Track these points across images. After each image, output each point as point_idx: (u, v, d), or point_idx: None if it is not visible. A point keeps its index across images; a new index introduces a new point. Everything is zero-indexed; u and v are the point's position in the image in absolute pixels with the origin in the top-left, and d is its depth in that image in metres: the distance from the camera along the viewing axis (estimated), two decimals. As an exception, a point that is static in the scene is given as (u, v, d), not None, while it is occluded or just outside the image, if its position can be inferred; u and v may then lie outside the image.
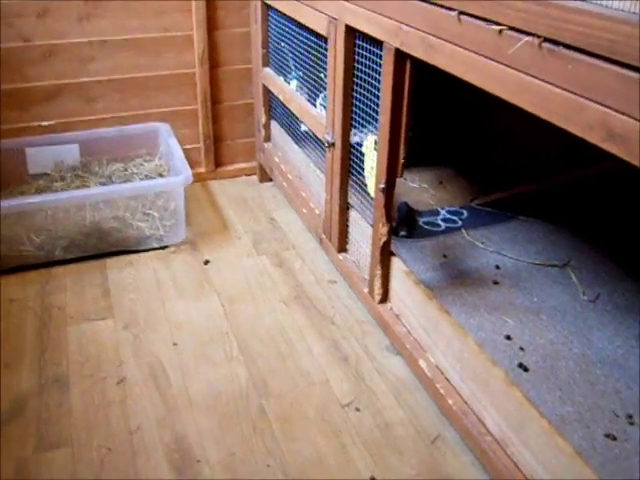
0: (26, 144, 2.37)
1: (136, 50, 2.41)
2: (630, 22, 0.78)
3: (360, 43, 1.55)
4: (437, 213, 2.10)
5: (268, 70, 2.29)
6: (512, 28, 0.97)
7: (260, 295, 1.95)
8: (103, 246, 2.12)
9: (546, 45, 0.90)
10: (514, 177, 2.28)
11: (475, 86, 1.10)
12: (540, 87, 0.92)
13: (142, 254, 2.15)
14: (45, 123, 2.41)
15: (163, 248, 2.17)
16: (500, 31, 0.99)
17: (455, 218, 2.08)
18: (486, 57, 1.03)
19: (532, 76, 0.93)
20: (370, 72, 1.52)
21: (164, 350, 1.73)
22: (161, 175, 2.42)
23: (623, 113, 0.79)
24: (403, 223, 1.95)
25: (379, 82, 1.47)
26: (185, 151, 2.37)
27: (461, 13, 1.09)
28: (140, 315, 1.87)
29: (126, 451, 1.44)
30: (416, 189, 2.28)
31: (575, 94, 0.86)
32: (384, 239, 1.54)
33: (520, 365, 1.47)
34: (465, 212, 2.12)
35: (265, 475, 1.38)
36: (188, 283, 2.01)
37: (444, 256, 1.88)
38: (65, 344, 1.76)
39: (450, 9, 1.11)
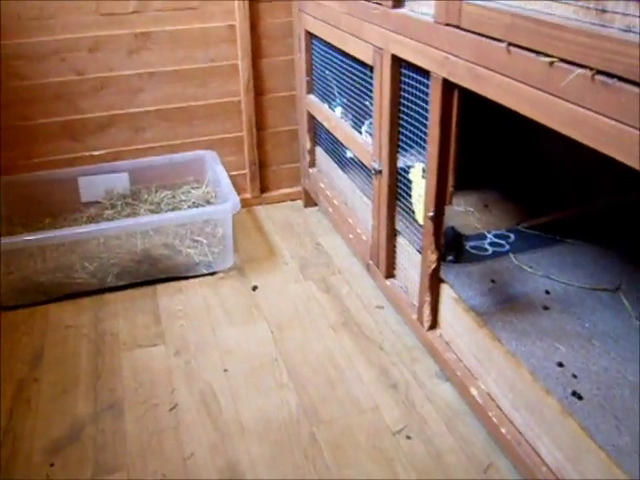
0: (79, 173, 2.44)
1: (183, 80, 2.47)
2: (685, 54, 0.78)
3: (406, 72, 1.56)
4: (484, 237, 2.10)
5: (312, 97, 2.32)
6: (563, 60, 0.97)
7: (308, 321, 1.96)
8: (153, 272, 2.17)
9: (599, 77, 0.90)
10: (560, 200, 2.26)
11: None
12: (593, 119, 0.92)
13: (191, 280, 2.19)
14: (96, 153, 2.48)
15: (212, 274, 2.21)
16: (551, 63, 0.99)
17: (502, 242, 2.07)
18: (536, 88, 1.04)
19: (585, 108, 0.93)
20: (416, 100, 1.54)
21: (215, 376, 1.76)
22: (208, 202, 2.47)
23: (681, 146, 0.79)
24: (450, 248, 1.95)
25: (425, 110, 1.48)
26: (231, 177, 2.41)
27: (510, 44, 1.10)
28: (190, 341, 1.90)
29: (180, 477, 1.46)
30: (461, 213, 2.27)
31: (629, 126, 0.86)
32: (433, 266, 1.55)
33: (574, 393, 1.45)
34: (512, 236, 2.10)
35: (318, 503, 1.39)
36: (237, 309, 2.03)
37: (492, 281, 1.87)
38: (119, 370, 1.79)
39: (499, 40, 1.12)
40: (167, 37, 2.39)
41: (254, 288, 2.13)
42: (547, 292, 1.82)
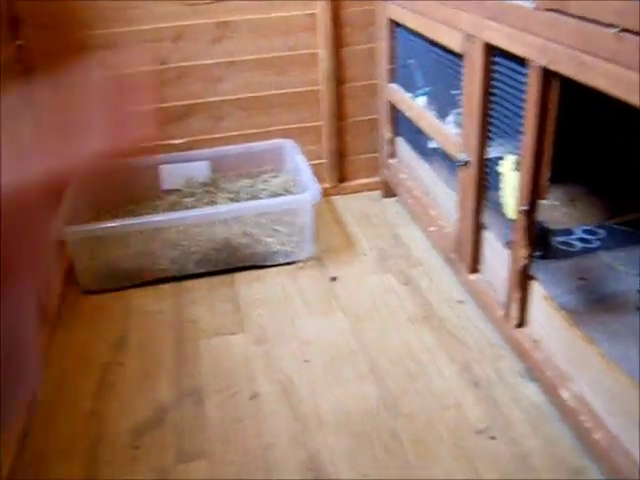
0: (160, 162, 2.48)
1: (262, 69, 2.47)
2: None
3: (499, 60, 1.51)
4: (571, 232, 2.02)
5: (394, 86, 2.28)
6: (684, 46, 0.91)
7: (387, 313, 1.94)
8: (232, 261, 2.18)
9: None
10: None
11: (609, 101, 1.04)
12: None
13: (270, 269, 2.19)
14: (176, 141, 2.51)
15: (290, 264, 2.21)
16: (670, 50, 0.93)
17: (591, 238, 1.99)
18: (650, 76, 0.97)
19: None
20: (509, 89, 1.48)
21: (294, 367, 1.75)
22: (287, 191, 2.46)
23: None
24: (537, 243, 1.88)
25: (519, 99, 1.43)
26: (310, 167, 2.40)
27: (622, 30, 1.03)
28: (269, 330, 1.90)
29: (260, 467, 1.47)
30: (547, 206, 2.19)
31: None
32: (524, 262, 1.49)
33: (674, 401, 1.38)
34: (601, 232, 2.02)
35: (400, 500, 1.37)
36: (316, 299, 2.03)
37: (581, 279, 1.80)
38: (199, 357, 1.81)
39: (610, 25, 1.06)
40: (247, 26, 2.39)
41: (333, 279, 2.11)
42: (640, 292, 1.73)
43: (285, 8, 2.40)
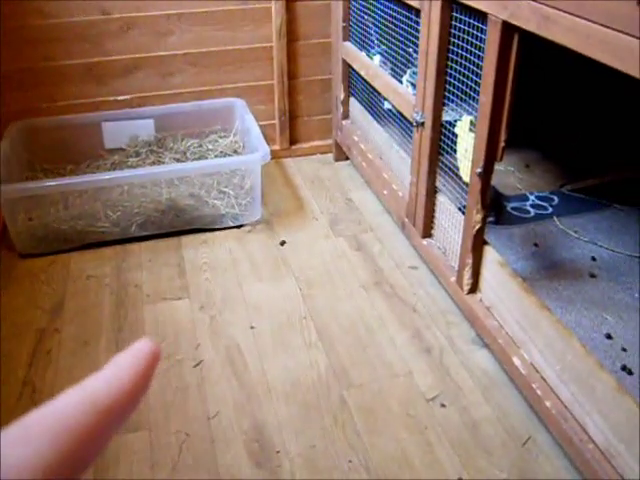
0: (102, 118, 2.35)
1: (213, 23, 2.35)
2: None
3: (457, 15, 1.44)
4: (526, 198, 1.99)
5: (349, 44, 2.20)
6: (655, -2, 0.85)
7: (338, 279, 1.88)
8: (178, 224, 2.09)
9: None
10: (608, 162, 2.13)
11: (566, 63, 0.99)
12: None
13: (217, 233, 2.11)
14: (121, 98, 2.38)
15: (239, 227, 2.12)
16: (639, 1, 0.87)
17: (545, 204, 1.96)
18: (620, 31, 0.92)
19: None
20: (467, 46, 1.42)
21: (241, 333, 1.69)
22: (236, 152, 2.37)
23: None
24: (491, 208, 1.84)
25: (477, 57, 1.37)
26: (260, 127, 2.31)
27: (588, -19, 0.98)
28: (216, 296, 1.83)
29: (204, 437, 1.41)
30: (501, 172, 2.16)
31: None
32: (478, 226, 1.45)
33: (624, 368, 1.37)
34: (556, 198, 2.00)
35: (347, 471, 1.33)
36: (264, 264, 1.96)
37: (535, 245, 1.77)
38: (142, 323, 1.73)
39: (575, -23, 1.00)
40: (197, -24, 2.27)
41: (282, 243, 2.05)
42: (593, 259, 1.72)
43: (237, -42, 2.28)
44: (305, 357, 1.61)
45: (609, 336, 1.45)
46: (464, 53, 1.44)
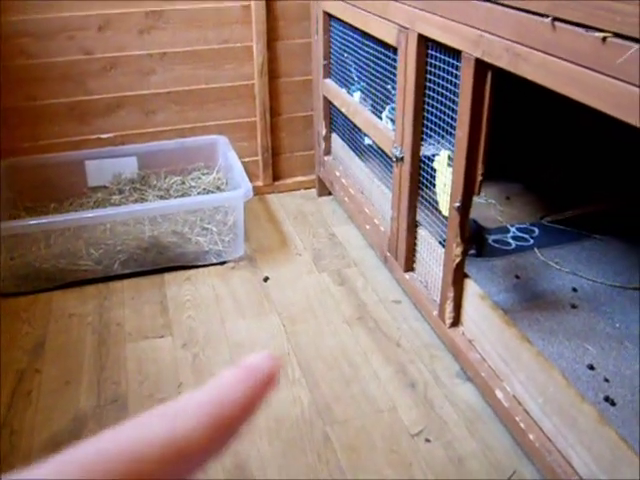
0: (86, 157, 2.36)
1: (196, 62, 2.38)
2: None
3: (433, 52, 1.47)
4: (507, 230, 2.01)
5: (329, 82, 2.23)
6: (619, 35, 0.88)
7: (322, 314, 1.88)
8: (161, 261, 2.09)
9: (662, 53, 0.81)
10: (587, 194, 2.16)
11: (546, 96, 1.01)
12: (655, 100, 0.83)
13: (200, 269, 2.10)
14: (104, 136, 2.39)
15: (222, 264, 2.12)
16: (604, 39, 0.90)
17: (526, 236, 1.98)
18: (586, 67, 0.94)
19: (645, 88, 0.84)
20: (444, 83, 1.44)
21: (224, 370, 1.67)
22: (219, 188, 2.38)
23: None
24: (472, 241, 1.86)
25: (454, 93, 1.39)
26: (243, 164, 2.33)
27: (555, 19, 1.00)
28: (199, 333, 1.82)
29: (186, 478, 1.38)
30: (482, 204, 2.18)
31: (697, 108, 0.77)
32: (458, 260, 1.46)
33: (606, 398, 1.37)
34: (536, 230, 2.01)
35: (332, 509, 1.31)
36: (248, 301, 1.95)
37: (517, 277, 1.78)
38: (124, 362, 1.72)
39: (542, 15, 1.03)
40: (179, 16, 2.30)
41: (265, 279, 2.04)
42: (574, 289, 1.73)
43: (219, -1, 2.32)
44: (288, 393, 1.60)
45: (591, 367, 1.46)
46: (441, 89, 1.46)
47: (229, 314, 1.89)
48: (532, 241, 1.95)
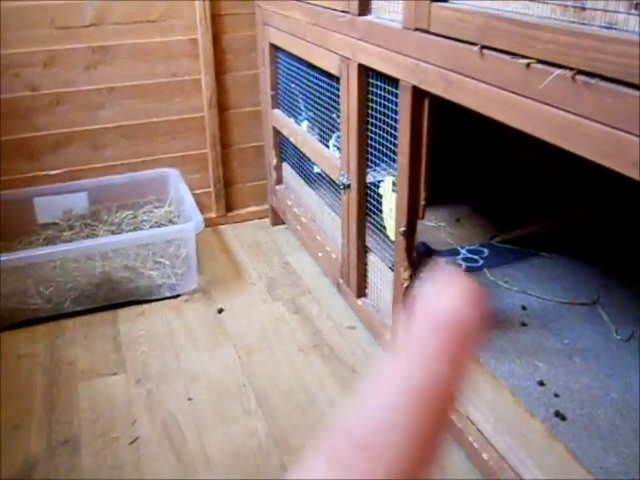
0: (34, 194, 2.33)
1: (144, 96, 2.38)
2: (674, 50, 0.72)
3: (374, 81, 1.50)
4: (457, 252, 2.04)
5: (278, 112, 2.25)
6: (541, 61, 0.91)
7: (277, 344, 1.87)
8: (114, 296, 2.06)
9: (580, 78, 0.84)
10: (534, 213, 2.21)
11: (490, 120, 1.04)
12: (575, 122, 0.86)
13: (154, 304, 2.08)
14: (53, 172, 2.37)
15: (175, 297, 2.11)
16: (528, 65, 0.93)
17: (476, 257, 2.01)
18: (513, 92, 0.98)
19: (566, 111, 0.87)
20: (385, 110, 1.47)
21: (179, 406, 1.65)
22: (171, 222, 2.37)
23: (673, 148, 0.73)
24: (422, 264, 1.88)
25: (395, 120, 1.42)
26: (196, 196, 2.33)
27: (483, 47, 1.04)
28: (153, 369, 1.79)
29: (141, 518, 1.36)
30: (433, 227, 2.21)
31: (615, 128, 0.80)
32: (406, 284, 1.47)
33: (557, 414, 1.38)
34: (486, 250, 2.05)
35: (289, 541, 1.29)
36: (202, 333, 1.94)
37: (468, 298, 1.80)
38: (76, 402, 1.68)
39: (472, 44, 1.06)
40: (126, 51, 2.31)
41: (220, 311, 2.03)
42: (524, 308, 1.76)
43: (165, 33, 2.33)
44: (245, 426, 1.58)
45: (542, 383, 1.47)
46: (383, 117, 1.49)
47: (183, 348, 1.87)
48: (482, 262, 1.98)
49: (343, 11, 1.54)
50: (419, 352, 0.26)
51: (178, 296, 2.11)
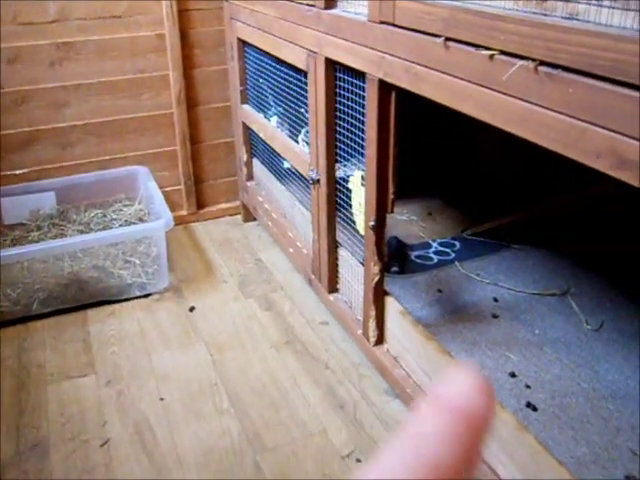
0: (0, 194, 2.28)
1: (111, 93, 2.35)
2: (634, 40, 0.72)
3: (341, 75, 1.49)
4: (429, 246, 2.04)
5: (247, 107, 2.23)
6: (504, 52, 0.91)
7: (249, 341, 1.86)
8: (83, 297, 2.03)
9: (543, 69, 0.84)
10: (504, 205, 2.22)
11: (460, 114, 1.04)
12: (539, 114, 0.86)
13: (124, 303, 2.05)
14: (19, 172, 2.32)
15: (146, 296, 2.08)
16: (491, 56, 0.93)
17: (447, 250, 2.02)
18: (477, 84, 0.97)
19: (530, 102, 0.87)
20: (353, 105, 1.46)
21: (150, 406, 1.63)
22: (141, 220, 2.34)
23: (634, 137, 0.73)
24: (394, 258, 1.88)
25: (362, 114, 1.41)
26: (166, 193, 2.30)
27: (448, 39, 1.03)
28: (124, 369, 1.77)
29: (112, 521, 1.34)
30: (404, 221, 2.22)
31: (578, 119, 0.80)
32: (377, 278, 1.47)
33: (528, 404, 1.40)
34: (457, 243, 2.05)
35: (263, 540, 1.28)
36: (173, 332, 1.91)
37: (439, 291, 1.81)
38: (45, 405, 1.65)
39: (436, 35, 1.06)
40: (92, 47, 2.27)
41: (191, 309, 2.01)
42: (495, 300, 1.76)
43: (132, 29, 2.29)
44: (217, 425, 1.57)
45: (513, 374, 1.48)
46: (350, 111, 1.48)
47: (155, 347, 1.85)
48: (453, 255, 1.98)
49: (309, 5, 1.53)
50: (426, 442, 0.25)
51: (149, 295, 2.08)
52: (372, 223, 1.39)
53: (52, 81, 2.27)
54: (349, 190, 1.58)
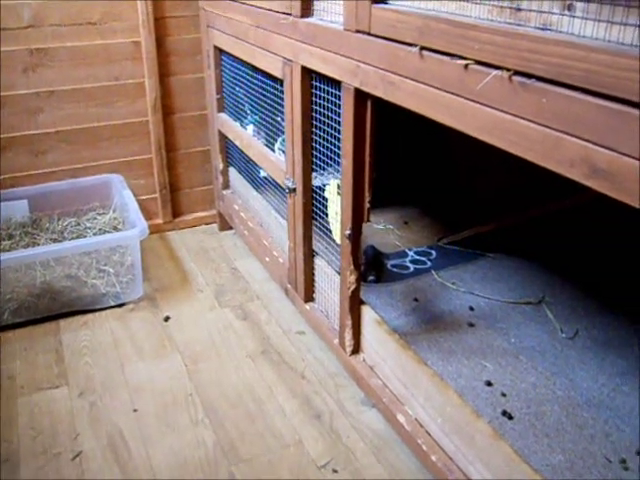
0: (-29, 202, 2.25)
1: (86, 100, 2.32)
2: (606, 50, 0.73)
3: (317, 84, 1.49)
4: (405, 255, 2.04)
5: (224, 116, 2.22)
6: (479, 62, 0.91)
7: (225, 351, 1.84)
8: (56, 307, 2.00)
9: (517, 78, 0.84)
10: (480, 214, 2.23)
11: (437, 123, 1.04)
12: (513, 123, 0.86)
13: (98, 313, 2.02)
14: (-9, 179, 2.29)
15: (120, 306, 2.05)
16: (466, 66, 0.93)
17: (424, 259, 2.02)
18: (452, 93, 0.97)
19: (504, 112, 0.87)
20: (329, 113, 1.46)
21: (123, 418, 1.61)
22: (116, 228, 2.32)
23: (606, 147, 0.74)
24: (371, 267, 1.88)
25: (338, 123, 1.41)
26: (141, 202, 2.28)
27: (423, 48, 1.03)
28: (97, 380, 1.74)
29: (84, 535, 1.31)
30: (381, 230, 2.21)
31: (552, 129, 0.81)
32: (353, 287, 1.46)
33: (504, 413, 1.39)
34: (433, 252, 2.06)
35: None
36: (148, 342, 1.89)
37: (415, 300, 1.81)
38: (15, 418, 1.62)
39: (411, 45, 1.06)
40: (66, 54, 2.24)
41: (166, 319, 1.99)
42: (471, 308, 1.77)
43: (107, 36, 2.27)
44: (192, 436, 1.55)
45: (489, 383, 1.48)
46: (327, 120, 1.48)
47: (128, 358, 1.83)
48: (430, 263, 1.99)
49: (285, 13, 1.53)
50: None
51: (123, 305, 2.06)
52: (348, 232, 1.39)
53: (25, 87, 2.24)
54: (325, 199, 1.57)
